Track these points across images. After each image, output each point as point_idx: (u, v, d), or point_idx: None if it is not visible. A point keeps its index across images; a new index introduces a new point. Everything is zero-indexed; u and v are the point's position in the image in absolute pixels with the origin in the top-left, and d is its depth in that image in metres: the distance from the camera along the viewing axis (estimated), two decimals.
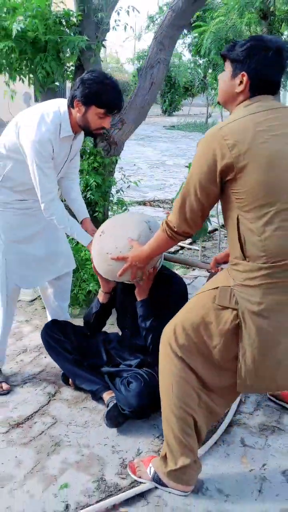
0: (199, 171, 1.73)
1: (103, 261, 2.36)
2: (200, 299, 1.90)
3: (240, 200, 1.70)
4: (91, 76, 2.34)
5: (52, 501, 2.00)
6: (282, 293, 1.71)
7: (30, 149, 2.33)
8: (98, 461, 2.22)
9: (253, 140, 1.65)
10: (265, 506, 1.99)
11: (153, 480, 2.06)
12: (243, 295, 1.74)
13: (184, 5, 3.06)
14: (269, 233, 1.68)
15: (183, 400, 1.93)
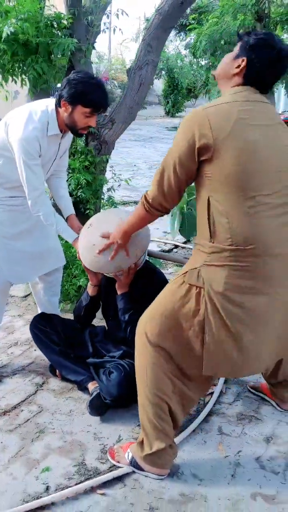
0: (179, 147, 1.81)
1: (89, 253, 2.44)
2: (172, 286, 2.00)
3: (212, 181, 1.79)
4: (77, 76, 2.42)
5: (33, 483, 2.09)
6: (246, 277, 1.79)
7: (18, 147, 2.40)
8: (80, 446, 2.31)
9: (233, 126, 1.75)
10: (237, 490, 2.07)
11: (130, 464, 2.14)
12: (209, 275, 1.82)
13: (171, 8, 3.16)
14: (237, 217, 1.76)
15: (157, 386, 2.02)
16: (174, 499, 2.02)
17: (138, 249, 2.42)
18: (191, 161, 1.80)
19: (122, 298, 2.53)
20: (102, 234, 2.38)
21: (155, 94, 29.92)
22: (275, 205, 1.79)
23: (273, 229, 1.78)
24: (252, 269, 1.78)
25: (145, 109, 25.80)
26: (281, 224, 1.79)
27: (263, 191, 1.77)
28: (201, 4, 6.53)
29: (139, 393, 2.11)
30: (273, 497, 2.04)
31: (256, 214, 1.76)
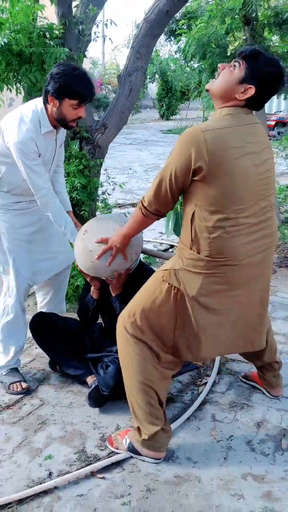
0: (177, 161, 1.97)
1: (86, 259, 2.53)
2: (151, 281, 2.21)
3: (199, 199, 1.97)
4: (60, 70, 2.44)
5: (37, 469, 2.21)
6: (217, 283, 2.05)
7: (15, 150, 2.46)
8: (80, 436, 2.43)
9: (228, 155, 1.92)
10: (228, 471, 2.20)
11: (128, 450, 2.26)
12: (185, 279, 2.05)
13: (157, 16, 3.29)
14: (217, 234, 1.97)
15: (143, 375, 2.19)
16: (170, 481, 2.14)
17: (132, 253, 2.54)
18: (185, 177, 1.97)
19: (116, 300, 2.64)
20: (100, 240, 2.47)
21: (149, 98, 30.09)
22: (251, 224, 2.02)
23: (245, 244, 2.02)
24: (223, 276, 2.04)
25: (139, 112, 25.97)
26: (252, 240, 2.04)
27: (244, 213, 1.99)
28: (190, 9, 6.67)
29: (127, 385, 2.26)
30: (262, 477, 2.16)
31: (235, 232, 1.98)
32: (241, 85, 1.99)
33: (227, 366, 3.03)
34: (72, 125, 2.59)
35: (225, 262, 2.00)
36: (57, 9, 3.45)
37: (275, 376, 2.69)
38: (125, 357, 2.25)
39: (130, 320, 2.21)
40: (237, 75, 2.00)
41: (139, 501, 2.03)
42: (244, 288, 2.12)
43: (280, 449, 2.33)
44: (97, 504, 2.02)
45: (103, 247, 2.45)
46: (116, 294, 2.63)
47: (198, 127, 1.95)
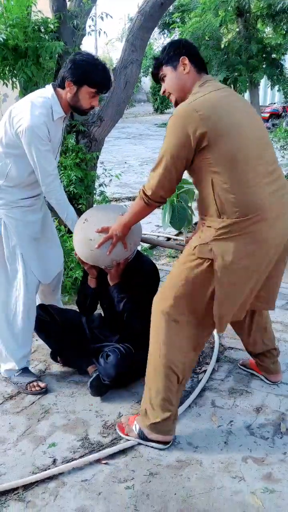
0: (173, 143, 2.01)
1: (86, 248, 2.56)
2: (181, 259, 2.20)
3: (211, 165, 2.00)
4: (83, 57, 2.49)
5: (41, 456, 2.26)
6: (251, 242, 2.03)
7: (28, 135, 2.44)
8: (83, 423, 2.48)
9: (220, 112, 1.99)
10: (229, 454, 2.25)
11: (138, 437, 2.29)
12: (219, 248, 2.04)
13: (152, 9, 3.32)
14: (241, 191, 1.99)
15: (171, 359, 2.21)
16: (172, 465, 2.19)
17: (132, 242, 2.57)
18: (187, 152, 2.01)
19: (114, 289, 2.68)
20: (100, 229, 2.50)
21: (143, 92, 30.06)
22: (266, 173, 2.05)
23: (267, 196, 2.03)
24: (255, 234, 2.03)
25: (134, 107, 26.00)
26: (272, 191, 2.05)
27: (258, 161, 2.02)
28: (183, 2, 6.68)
29: (150, 368, 2.27)
30: (262, 459, 2.21)
31: (255, 184, 2.00)
32: (179, 68, 2.18)
33: (225, 354, 3.08)
34: (87, 112, 2.63)
35: (255, 219, 2.00)
36: (51, 3, 3.47)
37: (274, 363, 2.74)
38: (156, 339, 2.25)
39: (167, 302, 2.21)
40: (169, 70, 2.21)
41: (142, 485, 2.08)
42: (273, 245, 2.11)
43: (279, 432, 2.38)
44: (101, 488, 2.07)
45: (103, 236, 2.48)
46: (114, 283, 2.67)
47: (184, 103, 2.05)
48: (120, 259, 2.57)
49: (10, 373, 2.81)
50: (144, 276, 2.75)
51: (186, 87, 2.17)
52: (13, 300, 2.76)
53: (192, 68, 2.17)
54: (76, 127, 3.71)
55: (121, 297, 2.68)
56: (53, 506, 1.99)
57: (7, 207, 2.69)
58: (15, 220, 2.70)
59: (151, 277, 2.77)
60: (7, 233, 2.70)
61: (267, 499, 1.99)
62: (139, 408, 2.56)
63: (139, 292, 2.68)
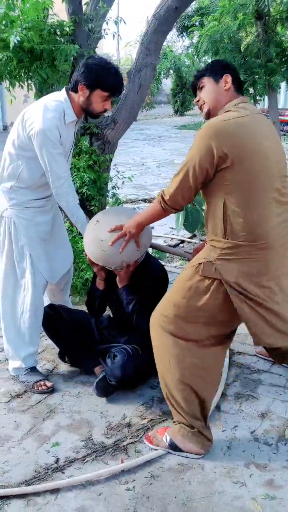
0: (198, 153, 2.04)
1: (97, 248, 2.57)
2: (184, 276, 2.22)
3: (228, 186, 2.04)
4: (95, 61, 2.53)
5: (44, 455, 2.28)
6: (254, 266, 2.07)
7: (39, 138, 2.48)
8: (87, 424, 2.49)
9: (248, 138, 2.02)
10: (232, 459, 2.24)
11: (170, 447, 2.28)
12: (223, 268, 2.07)
13: (166, 13, 3.33)
14: (250, 216, 2.03)
15: (181, 373, 2.21)
16: (174, 468, 2.19)
17: (142, 245, 2.59)
18: (209, 168, 2.04)
19: (123, 291, 2.70)
20: (113, 228, 2.52)
21: (164, 93, 30.06)
22: (278, 204, 2.09)
23: (276, 226, 2.07)
24: (259, 260, 2.07)
25: (154, 108, 26.00)
26: (281, 221, 2.10)
27: (272, 192, 2.07)
28: (202, 5, 6.68)
29: (167, 383, 2.27)
30: (265, 465, 2.20)
31: (266, 214, 2.05)
32: (220, 83, 2.23)
33: (233, 359, 3.07)
34: (99, 115, 2.66)
35: (261, 246, 2.04)
36: (67, 7, 3.50)
37: None
38: (162, 355, 2.27)
39: (167, 319, 2.23)
40: (211, 83, 2.25)
41: (143, 487, 2.09)
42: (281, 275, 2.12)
43: (284, 439, 2.37)
44: (102, 489, 2.08)
45: (116, 235, 2.50)
46: (123, 285, 2.68)
47: (214, 120, 2.08)
48: (130, 261, 2.58)
49: (18, 371, 2.84)
50: (153, 278, 2.76)
51: (222, 102, 2.21)
52: (20, 299, 2.79)
53: (232, 86, 2.23)
54: (90, 129, 3.74)
55: (130, 299, 2.69)
56: (54, 505, 2.00)
57: (18, 208, 2.72)
58: (25, 220, 2.73)
59: (160, 279, 2.78)
60: (17, 233, 2.74)
61: (267, 506, 1.98)
62: (144, 410, 2.58)
63: (148, 295, 2.69)
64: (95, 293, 2.88)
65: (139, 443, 2.35)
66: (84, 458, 2.26)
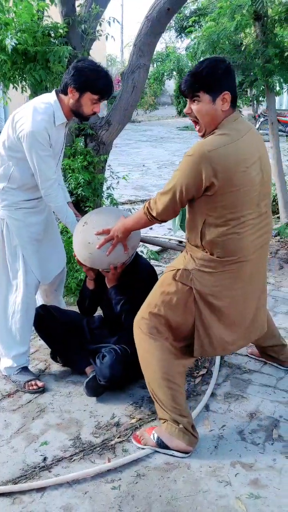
0: (187, 178, 2.10)
1: (85, 250, 2.60)
2: (162, 280, 2.32)
3: (210, 209, 2.12)
4: (85, 64, 2.54)
5: (32, 454, 2.30)
6: (230, 278, 2.21)
7: (28, 140, 2.50)
8: (76, 423, 2.51)
9: (236, 169, 2.07)
10: (218, 459, 2.25)
11: (157, 445, 2.29)
12: (198, 278, 2.20)
13: (159, 15, 3.34)
14: (229, 237, 2.13)
15: (165, 371, 2.28)
16: (160, 467, 2.20)
17: (130, 247, 2.62)
18: (195, 192, 2.11)
19: (112, 291, 2.72)
20: (100, 231, 2.55)
21: (167, 95, 30.07)
22: (255, 224, 2.20)
23: (252, 241, 2.20)
24: (234, 273, 2.21)
25: (157, 110, 26.02)
26: (257, 237, 2.23)
27: (251, 216, 2.17)
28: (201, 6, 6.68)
29: (150, 383, 2.33)
30: (251, 465, 2.21)
31: (244, 233, 2.15)
32: (217, 101, 2.12)
33: (225, 359, 3.08)
34: (88, 117, 2.67)
35: (236, 260, 2.17)
36: (61, 9, 3.52)
37: (283, 354, 2.89)
38: (145, 356, 2.34)
39: (145, 321, 2.33)
40: (206, 101, 2.13)
41: (128, 486, 2.10)
42: (250, 280, 2.27)
43: (271, 439, 2.37)
44: (87, 487, 2.10)
45: (102, 238, 2.53)
46: (112, 285, 2.70)
47: (204, 147, 2.06)
48: (117, 263, 2.60)
49: (9, 371, 2.86)
50: (142, 278, 2.78)
51: (218, 121, 2.17)
52: (12, 299, 2.81)
53: (229, 105, 2.14)
54: (84, 130, 3.76)
55: (118, 299, 2.71)
56: (39, 503, 2.02)
57: (10, 208, 2.74)
58: (17, 221, 2.75)
59: (149, 279, 2.79)
60: (9, 234, 2.76)
61: (251, 505, 1.99)
62: (133, 410, 2.59)
63: (137, 294, 2.70)
64: (85, 293, 2.90)
65: (127, 442, 2.36)
66: (71, 457, 2.28)
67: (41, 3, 3.39)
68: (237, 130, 2.13)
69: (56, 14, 3.56)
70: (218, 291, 2.21)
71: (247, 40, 6.57)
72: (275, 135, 5.94)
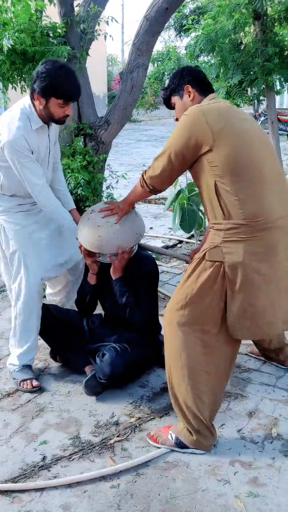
0: (178, 140, 2.10)
1: (94, 234, 2.62)
2: (192, 267, 2.18)
3: (215, 168, 2.07)
4: (45, 69, 2.48)
5: (31, 453, 2.30)
6: (260, 247, 2.05)
7: (7, 150, 2.53)
8: (75, 422, 2.51)
9: (228, 119, 2.08)
10: (217, 457, 2.25)
11: (176, 445, 2.28)
12: (229, 250, 2.07)
13: (157, 14, 3.35)
14: (244, 195, 2.04)
15: (192, 368, 2.20)
16: (159, 466, 2.21)
17: (137, 232, 2.68)
18: (189, 154, 2.10)
19: (117, 282, 2.73)
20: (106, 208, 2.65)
21: None
22: (272, 183, 2.10)
23: (273, 203, 2.07)
24: (264, 240, 2.05)
25: (158, 109, 26.01)
26: (277, 199, 2.09)
27: (260, 172, 2.08)
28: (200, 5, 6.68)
29: (175, 380, 2.26)
30: (250, 463, 2.21)
31: (260, 191, 2.06)
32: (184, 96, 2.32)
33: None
34: (63, 120, 2.65)
35: (262, 224, 2.03)
36: (59, 9, 3.52)
37: (282, 354, 2.88)
38: (174, 351, 2.24)
39: (179, 312, 2.19)
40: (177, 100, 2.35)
41: (127, 485, 2.10)
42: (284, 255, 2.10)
43: (270, 437, 2.37)
44: (87, 486, 2.10)
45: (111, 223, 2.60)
46: (117, 276, 2.72)
47: (195, 106, 2.15)
48: (125, 247, 2.64)
49: (12, 367, 2.89)
50: (146, 270, 2.80)
51: None
52: (16, 300, 2.85)
53: (196, 93, 2.29)
54: (83, 130, 3.76)
55: (123, 291, 2.72)
56: (38, 502, 2.02)
57: (6, 213, 2.79)
58: (14, 224, 2.78)
59: (152, 271, 2.82)
60: (7, 239, 2.79)
61: (250, 503, 1.99)
62: (132, 409, 2.59)
63: (141, 286, 2.75)
64: (87, 288, 2.90)
65: (125, 441, 2.37)
66: (70, 456, 2.28)
67: (40, 2, 3.39)
68: (217, 99, 2.24)
69: (54, 14, 3.56)
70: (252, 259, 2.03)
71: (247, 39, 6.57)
72: (275, 134, 5.94)
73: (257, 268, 2.04)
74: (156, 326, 2.93)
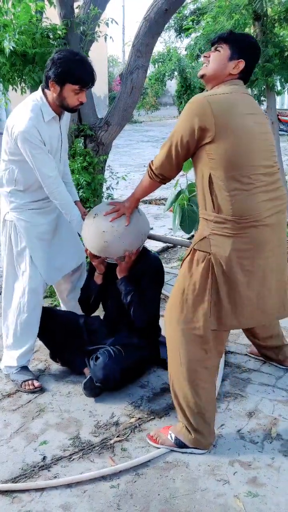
0: (182, 128, 2.11)
1: (99, 240, 2.61)
2: (186, 261, 2.23)
3: (212, 161, 2.09)
4: (61, 55, 2.51)
5: (31, 454, 2.31)
6: (247, 244, 2.10)
7: (20, 141, 2.52)
8: (75, 423, 2.52)
9: (232, 114, 2.08)
10: (216, 457, 2.26)
11: (176, 445, 2.29)
12: (216, 242, 2.11)
13: (156, 15, 3.35)
14: (236, 192, 2.07)
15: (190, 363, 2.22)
16: (158, 466, 2.21)
17: (143, 233, 2.69)
18: (192, 142, 2.11)
19: (122, 282, 2.74)
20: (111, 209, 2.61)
21: (169, 95, 30.08)
22: (266, 183, 2.12)
23: (264, 202, 2.10)
24: (249, 237, 2.10)
25: (159, 110, 26.02)
26: (268, 199, 2.12)
27: (257, 171, 2.10)
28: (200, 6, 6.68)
29: (174, 378, 2.29)
30: (249, 463, 2.22)
31: (252, 190, 2.08)
32: (231, 62, 2.20)
33: (224, 358, 3.08)
34: (76, 109, 2.66)
35: (249, 222, 2.07)
36: (59, 10, 3.53)
37: (282, 354, 2.89)
38: (174, 347, 2.27)
39: (178, 310, 2.24)
40: (225, 54, 2.21)
41: (127, 485, 2.11)
42: (271, 251, 2.16)
43: (269, 437, 2.38)
44: (86, 486, 2.11)
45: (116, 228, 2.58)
46: (122, 276, 2.74)
47: (202, 95, 2.13)
48: (132, 249, 2.65)
49: (9, 370, 2.88)
50: (151, 270, 2.81)
51: (221, 77, 2.22)
52: (18, 300, 2.84)
53: (239, 73, 2.22)
54: (84, 131, 3.77)
55: (128, 290, 2.73)
56: (38, 502, 2.03)
57: (18, 210, 2.78)
58: (25, 222, 2.78)
59: (158, 270, 2.84)
60: (17, 236, 2.79)
61: (249, 503, 2.00)
62: (131, 409, 2.60)
63: (146, 286, 2.77)
64: (92, 288, 2.91)
65: (125, 441, 2.37)
66: (70, 456, 2.29)
67: (40, 3, 3.40)
68: (239, 87, 2.20)
69: (54, 16, 3.57)
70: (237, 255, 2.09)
71: None
72: (276, 135, 5.94)
73: (241, 263, 2.11)
74: (157, 327, 2.94)
